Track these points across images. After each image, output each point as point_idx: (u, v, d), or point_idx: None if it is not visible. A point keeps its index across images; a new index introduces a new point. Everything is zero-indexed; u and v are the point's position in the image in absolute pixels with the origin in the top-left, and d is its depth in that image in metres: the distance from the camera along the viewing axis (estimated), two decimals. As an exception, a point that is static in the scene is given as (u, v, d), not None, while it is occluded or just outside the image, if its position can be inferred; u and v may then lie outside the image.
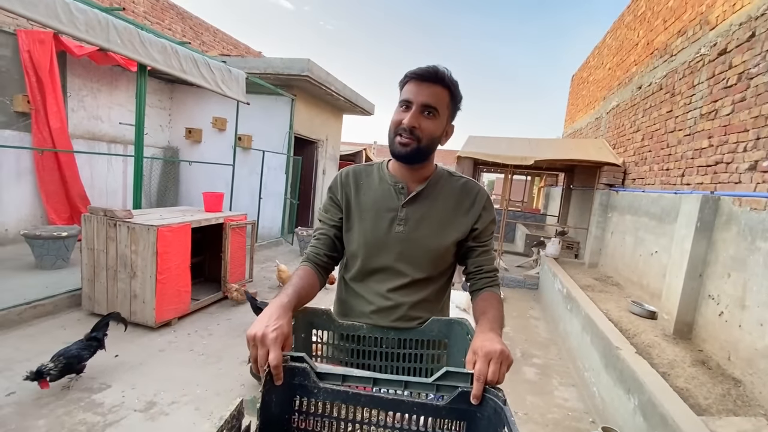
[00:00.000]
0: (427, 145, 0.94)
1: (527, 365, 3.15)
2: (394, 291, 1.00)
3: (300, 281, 0.92)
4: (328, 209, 1.07)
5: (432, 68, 0.92)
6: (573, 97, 8.52)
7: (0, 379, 2.21)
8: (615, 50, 5.72)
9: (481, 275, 1.02)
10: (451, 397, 0.70)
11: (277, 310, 0.77)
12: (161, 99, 6.73)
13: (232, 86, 4.59)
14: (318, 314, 0.99)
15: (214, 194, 3.95)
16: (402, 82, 0.96)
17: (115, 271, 3.10)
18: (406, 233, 0.99)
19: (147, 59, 3.47)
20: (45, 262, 4.00)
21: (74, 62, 5.21)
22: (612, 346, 2.37)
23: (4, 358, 2.44)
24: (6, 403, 2.02)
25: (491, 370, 0.69)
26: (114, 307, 3.12)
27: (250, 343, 0.71)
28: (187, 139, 6.78)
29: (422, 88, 0.91)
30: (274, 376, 0.69)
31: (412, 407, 0.70)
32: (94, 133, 5.68)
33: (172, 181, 6.98)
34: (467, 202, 1.02)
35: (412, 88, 0.92)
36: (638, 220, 3.99)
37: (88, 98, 5.55)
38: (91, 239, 3.14)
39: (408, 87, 0.93)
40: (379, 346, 0.99)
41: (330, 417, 0.72)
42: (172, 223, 3.15)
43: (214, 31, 8.01)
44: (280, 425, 0.72)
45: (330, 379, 0.72)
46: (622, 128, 5.09)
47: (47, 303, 3.13)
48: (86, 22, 2.92)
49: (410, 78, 0.93)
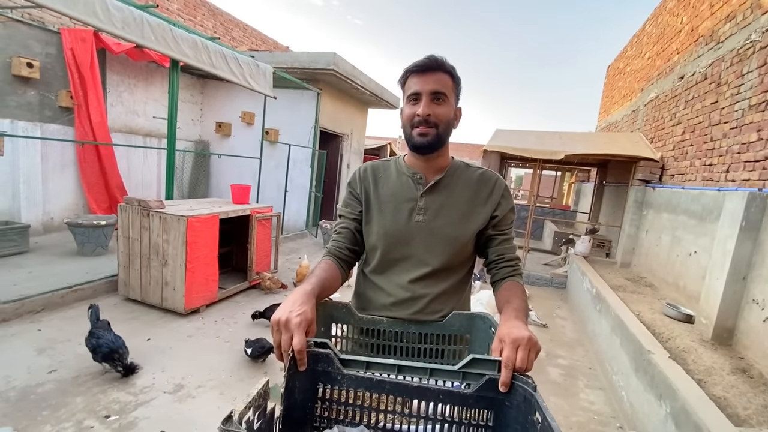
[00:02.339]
0: (443, 130, 0.96)
1: (552, 365, 3.06)
2: (415, 282, 0.99)
3: (323, 273, 0.93)
4: (348, 204, 1.08)
5: (431, 57, 0.94)
6: (608, 89, 8.14)
7: (44, 358, 2.37)
8: (655, 38, 5.41)
9: (503, 264, 1.01)
10: (478, 385, 0.68)
11: (302, 297, 0.77)
12: (193, 94, 6.95)
13: (259, 80, 4.67)
14: (338, 307, 0.99)
15: (241, 186, 4.04)
16: (402, 79, 0.98)
17: (148, 258, 3.24)
18: (426, 222, 0.99)
19: (179, 54, 3.57)
20: (86, 249, 4.23)
21: (113, 59, 5.44)
22: (643, 349, 2.26)
23: (48, 338, 2.61)
24: (48, 380, 2.16)
25: (519, 357, 0.68)
26: (147, 294, 3.28)
27: (274, 329, 0.71)
28: (217, 133, 6.97)
29: (426, 78, 0.93)
30: (298, 361, 0.69)
31: (438, 395, 0.69)
32: (131, 127, 5.93)
33: (203, 174, 7.20)
34: (485, 191, 1.02)
35: (416, 80, 0.94)
36: (676, 218, 3.78)
37: (126, 93, 5.79)
38: (126, 228, 3.29)
39: (412, 80, 0.95)
40: (399, 341, 0.98)
41: (354, 405, 0.72)
42: (201, 213, 3.25)
43: (244, 27, 8.16)
44: (304, 412, 0.72)
45: (354, 365, 0.71)
46: (661, 121, 4.82)
47: (87, 287, 3.31)
48: (122, 19, 3.04)
49: (412, 72, 0.95)
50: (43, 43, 4.68)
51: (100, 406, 2.00)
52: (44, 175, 4.81)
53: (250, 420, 0.54)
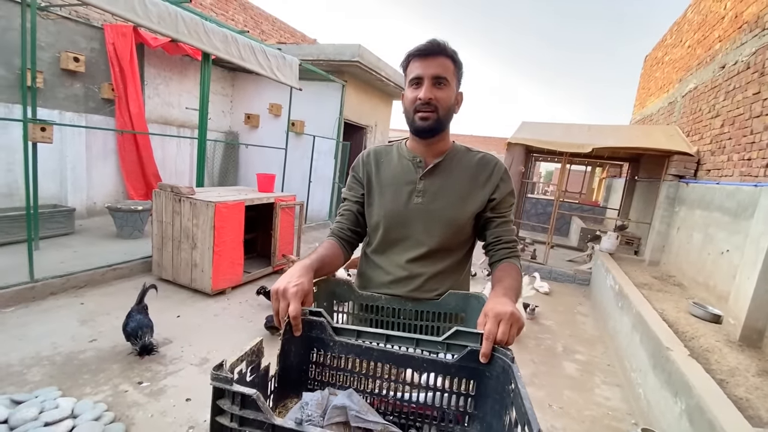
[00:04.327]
0: (444, 114, 0.98)
1: (568, 360, 3.03)
2: (413, 261, 1.03)
3: (324, 250, 1.00)
4: (352, 187, 1.13)
5: (433, 41, 0.95)
6: (645, 80, 7.77)
7: (85, 328, 2.58)
8: (697, 25, 5.12)
9: (500, 246, 1.03)
10: (460, 355, 0.72)
11: (300, 270, 0.84)
12: (224, 86, 7.19)
13: (286, 72, 4.79)
14: (339, 284, 1.05)
15: (267, 175, 4.19)
16: (404, 63, 1.00)
17: (179, 241, 3.43)
18: (424, 204, 1.02)
19: (210, 48, 3.72)
20: (124, 232, 4.52)
21: (150, 53, 5.71)
22: (662, 346, 2.21)
23: (90, 311, 2.84)
24: (89, 348, 2.36)
25: (501, 330, 0.71)
26: (178, 274, 3.48)
27: (273, 297, 0.78)
28: (246, 124, 7.19)
29: (428, 62, 0.95)
30: (294, 326, 0.76)
31: (422, 363, 0.73)
32: (166, 118, 6.23)
33: (232, 163, 7.47)
34: (484, 174, 1.04)
35: (418, 64, 0.96)
36: (709, 215, 3.61)
37: (162, 86, 6.07)
38: (160, 212, 3.50)
39: (414, 65, 0.97)
40: (397, 317, 1.03)
41: (345, 370, 0.78)
42: (228, 200, 3.41)
43: (273, 20, 8.33)
44: (299, 374, 0.80)
45: (345, 333, 0.77)
46: (699, 113, 4.58)
47: (124, 267, 3.55)
48: (158, 14, 3.20)
49: (414, 56, 0.97)
50: (88, 38, 4.98)
51: (134, 373, 2.18)
52: (88, 163, 5.15)
53: (242, 371, 0.61)
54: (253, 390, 0.50)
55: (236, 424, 0.50)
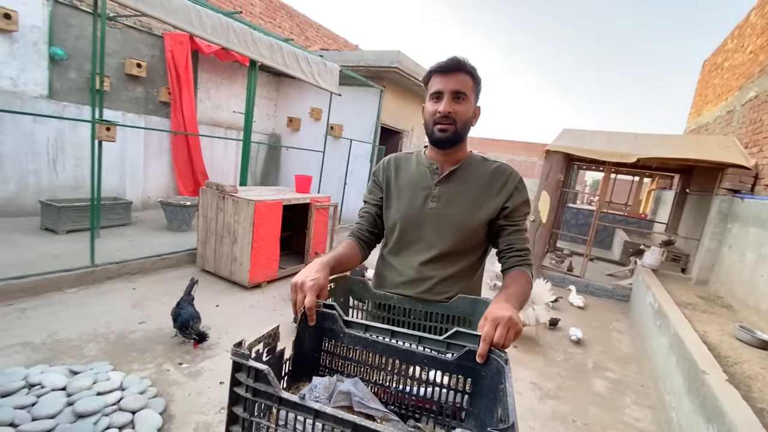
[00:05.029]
0: (462, 127, 1.04)
1: (598, 377, 2.93)
2: (425, 264, 1.09)
3: (342, 249, 1.08)
4: (372, 191, 1.21)
5: (453, 59, 1.02)
6: (702, 87, 7.27)
7: (136, 311, 2.84)
8: (760, 30, 4.76)
9: (511, 254, 1.06)
10: (459, 354, 0.77)
11: (317, 266, 0.93)
12: (269, 91, 7.55)
13: (326, 78, 4.97)
14: (355, 282, 1.13)
15: (304, 177, 4.37)
16: (426, 78, 1.07)
17: (221, 236, 3.68)
18: (438, 209, 1.07)
19: (257, 55, 3.96)
20: (173, 225, 4.88)
21: (204, 59, 6.14)
22: (698, 369, 2.10)
23: (141, 295, 3.11)
24: (138, 329, 2.60)
25: (498, 333, 0.75)
26: (219, 267, 3.72)
27: (292, 290, 0.87)
28: (288, 127, 7.51)
29: (449, 78, 1.01)
30: (309, 317, 0.84)
31: (423, 359, 0.79)
32: (216, 120, 6.64)
33: (274, 164, 7.81)
34: (499, 183, 1.08)
35: (439, 80, 1.02)
36: (765, 233, 3.35)
37: (213, 90, 6.50)
38: (205, 208, 3.77)
39: (434, 80, 1.04)
40: (407, 317, 1.09)
41: (353, 360, 0.86)
42: (267, 199, 3.60)
43: (317, 27, 8.64)
44: (312, 360, 0.88)
45: (354, 327, 0.85)
46: (759, 124, 4.25)
47: (172, 257, 3.85)
48: (212, 25, 3.46)
49: (435, 72, 1.03)
50: (149, 46, 5.44)
51: (175, 354, 2.38)
52: (145, 160, 5.61)
53: (259, 351, 0.70)
54: (265, 366, 0.58)
55: (250, 395, 0.59)
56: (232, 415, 0.61)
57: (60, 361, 2.10)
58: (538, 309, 3.30)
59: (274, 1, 7.58)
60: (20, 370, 1.84)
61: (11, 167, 4.28)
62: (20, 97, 4.22)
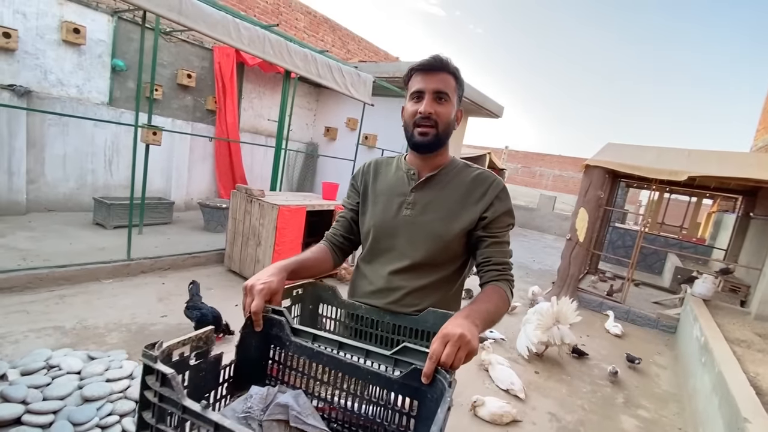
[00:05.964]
0: (444, 129, 0.98)
1: (628, 415, 2.66)
2: (395, 273, 1.03)
3: (309, 254, 1.06)
4: (350, 195, 1.18)
5: (435, 57, 0.97)
6: (775, 101, 6.55)
7: (161, 305, 3.00)
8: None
9: (489, 267, 0.98)
10: (404, 373, 0.72)
11: (273, 269, 0.91)
12: (309, 101, 7.81)
13: (359, 89, 5.05)
14: (325, 289, 1.09)
15: (331, 184, 4.44)
16: (407, 77, 1.01)
17: (247, 238, 3.80)
18: (412, 217, 1.02)
19: (291, 66, 4.11)
20: (210, 225, 5.13)
21: (248, 71, 6.47)
22: (739, 415, 1.84)
23: (168, 290, 3.28)
24: (159, 322, 2.73)
25: (446, 351, 0.69)
26: (243, 267, 3.84)
27: (243, 292, 0.86)
28: (325, 137, 7.70)
29: (430, 77, 0.96)
30: (254, 321, 0.82)
31: (367, 375, 0.74)
32: (257, 128, 6.96)
33: (311, 172, 8.03)
34: (479, 191, 1.01)
35: (420, 79, 0.97)
36: (841, 267, 2.92)
37: (256, 100, 6.82)
38: (235, 210, 3.92)
39: (415, 79, 0.98)
40: (375, 328, 1.04)
41: (298, 371, 0.82)
42: (292, 204, 3.69)
43: (359, 41, 8.85)
44: (257, 368, 0.86)
45: (302, 335, 0.82)
46: (840, 142, 3.74)
47: (202, 256, 4.04)
48: (249, 37, 3.64)
49: (416, 71, 0.98)
50: (200, 58, 5.84)
51: (187, 350, 2.46)
52: (190, 164, 5.98)
53: (184, 355, 0.69)
54: (170, 370, 0.57)
55: (157, 400, 0.58)
56: (141, 420, 0.60)
57: (83, 346, 2.25)
58: (563, 329, 3.09)
59: (318, 16, 7.87)
60: (46, 352, 1.99)
61: (72, 166, 4.73)
62: (84, 103, 4.67)
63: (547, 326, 3.09)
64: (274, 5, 7.14)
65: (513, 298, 0.99)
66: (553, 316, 3.11)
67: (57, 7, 4.32)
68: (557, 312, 3.13)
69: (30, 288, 2.80)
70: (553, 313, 3.11)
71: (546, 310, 3.12)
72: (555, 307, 3.15)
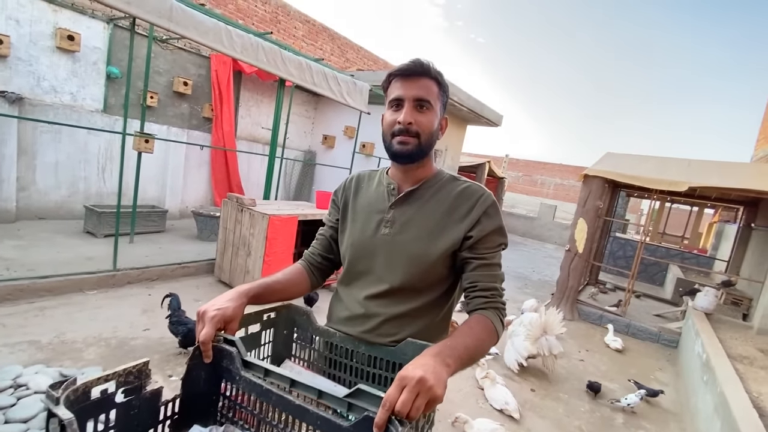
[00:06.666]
0: (426, 140, 0.90)
1: (627, 436, 2.55)
2: (371, 299, 0.94)
3: (280, 275, 0.97)
4: (330, 212, 1.09)
5: (416, 61, 0.89)
6: (775, 111, 6.50)
7: (144, 317, 2.91)
8: None
9: (474, 294, 0.87)
10: (355, 420, 0.63)
11: (232, 293, 0.82)
12: (308, 109, 7.78)
13: (355, 97, 5.02)
14: (299, 313, 1.01)
15: (325, 193, 4.37)
16: (385, 84, 0.93)
17: (237, 248, 3.73)
18: (390, 236, 0.93)
19: (285, 74, 4.07)
20: (203, 234, 5.06)
21: (246, 79, 6.45)
22: (743, 443, 1.75)
23: (153, 302, 3.19)
24: (141, 336, 2.65)
25: (401, 399, 0.58)
26: (233, 278, 3.76)
27: (196, 318, 0.78)
28: (323, 145, 7.66)
29: (410, 83, 0.88)
30: (203, 352, 0.74)
31: (316, 420, 0.65)
32: (255, 136, 6.92)
33: (308, 180, 7.97)
34: (464, 207, 0.90)
35: (399, 85, 0.89)
36: None
37: (253, 108, 6.80)
38: (225, 220, 3.85)
39: (395, 85, 0.90)
40: (350, 359, 0.95)
41: (247, 409, 0.74)
42: (283, 214, 3.62)
43: (357, 49, 8.87)
44: (207, 404, 0.77)
45: (254, 369, 0.74)
46: (843, 153, 3.67)
47: (191, 266, 3.96)
48: (242, 44, 3.60)
49: (395, 76, 0.90)
50: (197, 66, 5.82)
51: (168, 366, 2.37)
52: (185, 171, 5.93)
53: (108, 392, 0.61)
54: (69, 414, 0.49)
55: (60, 451, 0.50)
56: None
57: (58, 362, 2.17)
58: (550, 339, 3.03)
59: (317, 25, 7.89)
60: (16, 369, 1.90)
61: (65, 174, 4.68)
62: (78, 110, 4.64)
63: (536, 337, 3.02)
64: (272, 14, 7.16)
65: (503, 328, 0.88)
66: (541, 327, 3.05)
67: (51, 14, 4.30)
68: (545, 322, 3.06)
69: (9, 300, 2.72)
70: (541, 324, 3.04)
71: (534, 321, 3.05)
72: (543, 317, 3.08)
